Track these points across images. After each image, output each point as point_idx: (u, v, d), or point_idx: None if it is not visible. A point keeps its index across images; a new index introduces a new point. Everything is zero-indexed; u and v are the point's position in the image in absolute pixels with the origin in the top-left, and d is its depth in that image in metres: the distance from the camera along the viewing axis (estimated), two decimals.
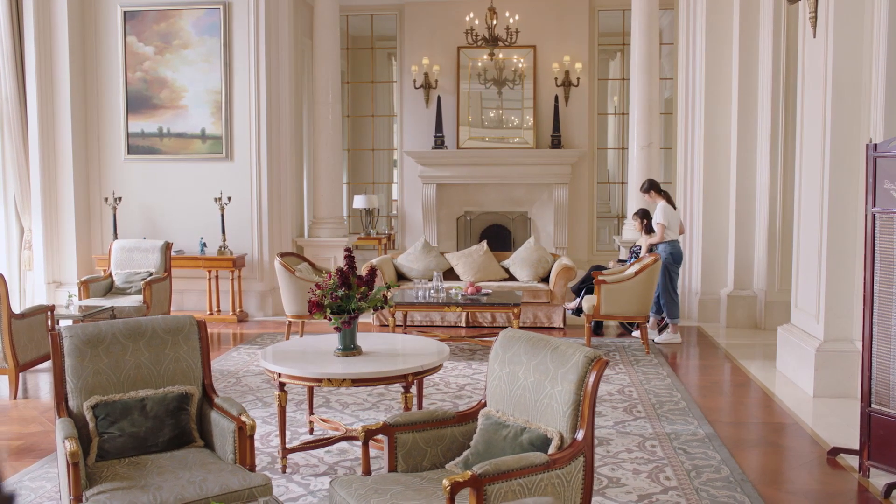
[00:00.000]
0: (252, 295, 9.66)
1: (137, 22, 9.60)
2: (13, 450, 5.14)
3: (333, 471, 4.68)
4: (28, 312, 6.48)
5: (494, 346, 3.61)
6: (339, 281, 4.55)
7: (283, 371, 4.51)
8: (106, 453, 3.60)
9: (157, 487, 3.27)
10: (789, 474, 4.75)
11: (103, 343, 3.75)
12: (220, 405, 3.76)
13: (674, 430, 5.41)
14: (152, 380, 3.79)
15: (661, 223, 8.06)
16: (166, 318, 3.96)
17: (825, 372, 6.13)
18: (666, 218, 8.07)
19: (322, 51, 10.17)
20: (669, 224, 8.11)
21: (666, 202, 8.17)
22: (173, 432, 3.75)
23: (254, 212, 9.56)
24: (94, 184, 9.79)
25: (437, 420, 3.57)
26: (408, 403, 4.52)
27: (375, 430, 3.46)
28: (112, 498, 3.19)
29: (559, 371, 3.25)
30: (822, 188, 6.20)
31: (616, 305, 7.62)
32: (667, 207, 8.13)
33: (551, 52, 12.29)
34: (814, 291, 6.35)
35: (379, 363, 4.58)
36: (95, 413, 3.64)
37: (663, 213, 8.08)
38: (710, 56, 9.11)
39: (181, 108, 9.61)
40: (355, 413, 5.78)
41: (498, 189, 12.53)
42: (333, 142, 10.28)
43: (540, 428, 3.26)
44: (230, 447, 3.62)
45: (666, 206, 8.13)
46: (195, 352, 3.93)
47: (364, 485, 3.27)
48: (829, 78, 6.07)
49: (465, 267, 9.22)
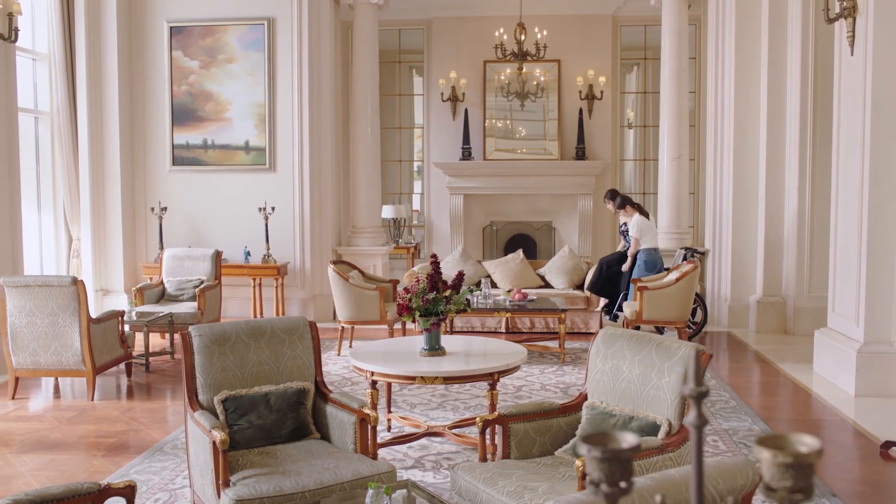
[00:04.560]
0: (294, 302, 9.94)
1: (183, 37, 9.91)
2: (109, 447, 5.42)
3: (420, 464, 4.97)
4: (103, 317, 6.75)
5: (595, 344, 3.91)
6: (429, 285, 4.85)
7: (377, 370, 4.81)
8: (236, 444, 3.88)
9: (297, 473, 3.56)
10: (847, 465, 5.06)
11: (229, 342, 4.04)
12: (338, 399, 4.05)
13: (731, 427, 5.72)
14: (273, 376, 4.09)
15: (635, 237, 8.71)
16: (282, 319, 4.26)
17: (866, 372, 6.45)
18: (640, 231, 8.70)
19: (360, 65, 10.50)
20: (644, 234, 8.69)
21: (640, 214, 8.78)
22: (294, 425, 4.04)
23: (296, 221, 9.86)
24: (140, 194, 10.08)
25: (545, 411, 3.87)
26: (493, 400, 4.82)
27: (492, 420, 3.76)
28: (259, 482, 3.47)
29: (665, 364, 3.56)
30: (860, 197, 6.54)
31: (658, 310, 7.95)
32: (641, 220, 8.76)
33: (575, 65, 12.64)
34: (853, 297, 6.68)
35: (465, 363, 4.88)
36: (225, 406, 3.93)
37: (638, 227, 8.72)
38: (739, 69, 9.47)
39: (226, 120, 9.92)
40: (424, 412, 6.07)
41: (523, 199, 12.85)
42: (372, 153, 10.59)
43: (648, 416, 3.56)
44: (350, 438, 3.91)
45: (641, 219, 8.77)
46: (309, 350, 4.22)
47: (486, 469, 3.56)
48: (868, 93, 6.41)
49: (502, 275, 9.52)
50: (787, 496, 0.85)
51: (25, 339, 6.44)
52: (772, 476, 0.85)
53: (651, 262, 8.68)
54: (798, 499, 0.85)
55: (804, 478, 0.86)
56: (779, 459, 0.84)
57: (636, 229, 8.70)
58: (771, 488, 0.86)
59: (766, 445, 0.86)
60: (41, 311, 6.40)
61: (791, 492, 0.85)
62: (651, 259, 8.69)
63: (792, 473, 0.85)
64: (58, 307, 6.39)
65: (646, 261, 8.65)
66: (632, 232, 8.73)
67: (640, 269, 8.64)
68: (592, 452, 0.89)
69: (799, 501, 0.85)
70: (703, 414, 0.88)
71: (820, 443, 0.89)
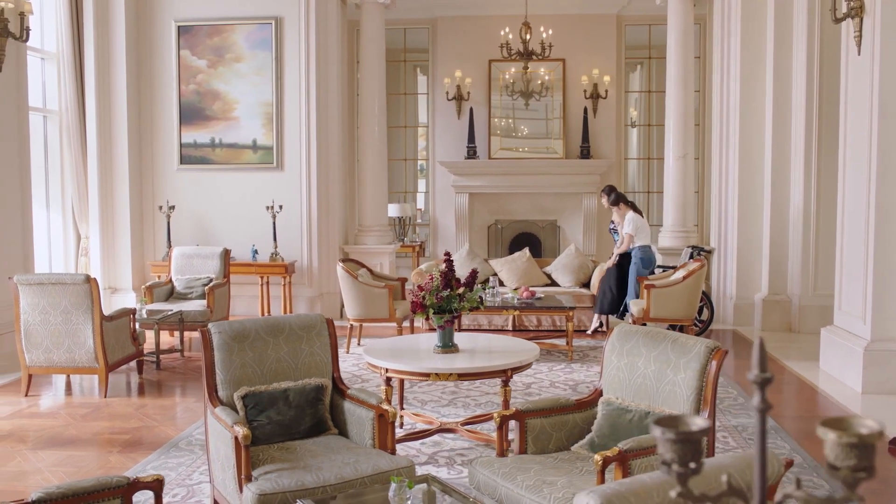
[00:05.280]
0: (301, 300, 9.99)
1: (191, 36, 9.95)
2: (124, 443, 5.47)
3: (434, 460, 5.02)
4: (115, 315, 6.80)
5: (610, 340, 3.96)
6: (442, 283, 4.90)
7: (391, 366, 4.86)
8: (256, 439, 3.92)
9: (318, 468, 3.61)
10: None
11: (248, 338, 4.09)
12: (356, 396, 4.10)
13: (739, 423, 5.77)
14: (291, 372, 4.13)
15: (629, 233, 8.62)
16: (300, 316, 4.31)
17: (873, 370, 6.51)
18: (634, 228, 8.63)
19: (368, 64, 10.55)
20: (639, 231, 8.64)
21: (634, 212, 8.71)
22: (312, 421, 4.09)
23: (303, 220, 9.91)
24: (148, 192, 10.13)
25: (561, 407, 3.92)
26: (507, 397, 4.87)
27: (509, 415, 3.81)
28: (280, 477, 3.52)
29: (681, 360, 3.61)
30: (868, 196, 6.59)
31: (665, 309, 8.00)
32: (636, 217, 8.69)
33: (580, 65, 12.68)
34: (859, 294, 6.74)
35: (478, 359, 4.93)
36: (245, 402, 3.98)
37: (632, 224, 8.64)
38: (744, 68, 9.52)
39: (233, 119, 9.97)
40: (435, 409, 6.12)
41: (528, 198, 12.90)
42: (378, 152, 10.64)
43: (664, 412, 3.61)
44: (368, 433, 3.96)
45: (635, 217, 8.70)
46: (326, 347, 4.27)
47: (505, 464, 3.61)
48: (876, 93, 6.46)
49: (508, 273, 9.58)
50: (851, 475, 0.90)
51: (39, 337, 6.49)
52: (836, 456, 0.90)
53: (647, 259, 8.70)
54: (861, 477, 0.90)
55: (867, 457, 0.91)
56: (843, 440, 0.89)
57: (631, 226, 8.63)
58: (835, 467, 0.91)
59: (831, 427, 0.91)
60: (54, 308, 6.44)
61: (854, 470, 0.90)
62: (647, 256, 8.70)
63: (855, 453, 0.90)
64: (71, 305, 6.44)
65: (642, 258, 8.64)
66: (627, 229, 8.66)
67: (637, 267, 8.63)
68: (666, 434, 0.94)
69: (861, 479, 0.90)
70: (767, 399, 0.93)
71: (882, 425, 0.94)
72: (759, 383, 0.93)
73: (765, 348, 0.96)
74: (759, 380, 0.93)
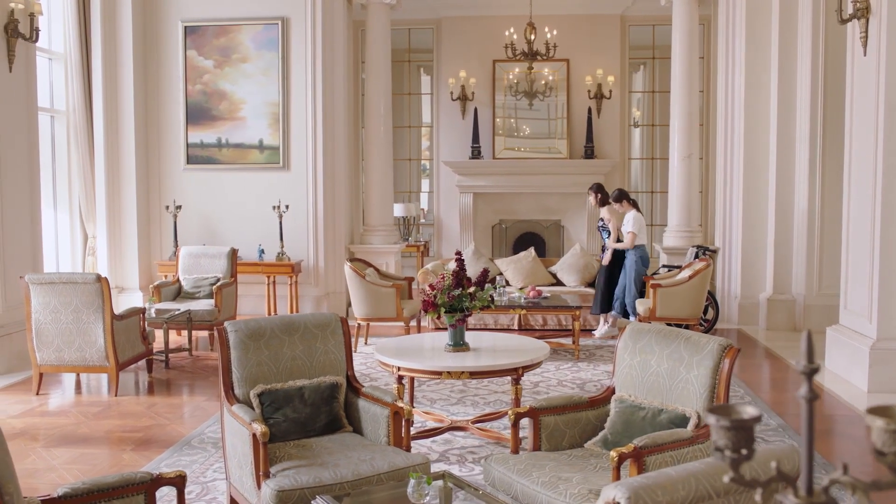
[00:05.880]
0: (307, 300, 10.03)
1: (198, 37, 9.99)
2: (136, 441, 5.50)
3: (445, 458, 5.06)
4: (125, 314, 6.84)
5: (623, 339, 4.00)
6: (454, 282, 4.94)
7: (404, 365, 4.90)
8: (273, 437, 3.95)
9: (335, 465, 3.65)
10: (863, 459, 5.15)
11: (264, 337, 4.12)
12: (370, 394, 4.13)
13: None
14: (306, 370, 4.17)
15: (632, 232, 8.54)
16: (315, 314, 4.35)
17: (879, 369, 6.55)
18: (637, 226, 8.57)
19: (373, 64, 10.58)
20: (641, 231, 8.62)
21: (636, 210, 8.68)
22: (328, 418, 4.12)
23: (309, 219, 9.95)
24: (155, 192, 10.17)
25: (574, 404, 3.96)
26: (518, 395, 4.91)
27: (523, 413, 3.85)
28: (298, 473, 3.56)
29: (694, 358, 3.65)
30: (874, 196, 6.63)
31: (670, 308, 8.04)
32: (638, 216, 8.65)
33: (584, 65, 12.73)
34: (865, 294, 6.77)
35: (490, 358, 4.97)
36: (261, 400, 4.02)
37: (634, 222, 8.57)
38: (749, 68, 9.55)
39: (240, 119, 10.01)
40: (444, 407, 6.16)
41: (532, 198, 12.94)
42: (385, 151, 10.68)
43: (677, 409, 3.65)
44: (383, 431, 4.00)
45: (637, 215, 8.65)
46: (340, 345, 4.31)
47: (519, 461, 3.65)
48: (882, 93, 6.50)
49: (514, 272, 9.62)
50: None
51: (49, 336, 6.53)
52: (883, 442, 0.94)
53: (645, 258, 8.70)
54: None
55: None
56: (891, 427, 0.93)
57: (637, 225, 8.57)
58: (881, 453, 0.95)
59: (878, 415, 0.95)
60: (65, 307, 6.48)
61: None
62: (645, 255, 8.70)
63: None
64: (82, 304, 6.48)
65: (640, 257, 8.63)
66: (632, 227, 8.58)
67: (637, 267, 8.63)
68: (721, 422, 0.98)
69: None
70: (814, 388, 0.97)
71: None
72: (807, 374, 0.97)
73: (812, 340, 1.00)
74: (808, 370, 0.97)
